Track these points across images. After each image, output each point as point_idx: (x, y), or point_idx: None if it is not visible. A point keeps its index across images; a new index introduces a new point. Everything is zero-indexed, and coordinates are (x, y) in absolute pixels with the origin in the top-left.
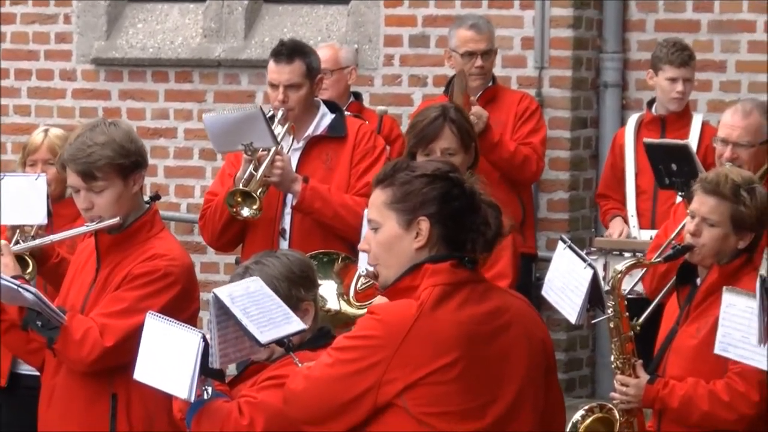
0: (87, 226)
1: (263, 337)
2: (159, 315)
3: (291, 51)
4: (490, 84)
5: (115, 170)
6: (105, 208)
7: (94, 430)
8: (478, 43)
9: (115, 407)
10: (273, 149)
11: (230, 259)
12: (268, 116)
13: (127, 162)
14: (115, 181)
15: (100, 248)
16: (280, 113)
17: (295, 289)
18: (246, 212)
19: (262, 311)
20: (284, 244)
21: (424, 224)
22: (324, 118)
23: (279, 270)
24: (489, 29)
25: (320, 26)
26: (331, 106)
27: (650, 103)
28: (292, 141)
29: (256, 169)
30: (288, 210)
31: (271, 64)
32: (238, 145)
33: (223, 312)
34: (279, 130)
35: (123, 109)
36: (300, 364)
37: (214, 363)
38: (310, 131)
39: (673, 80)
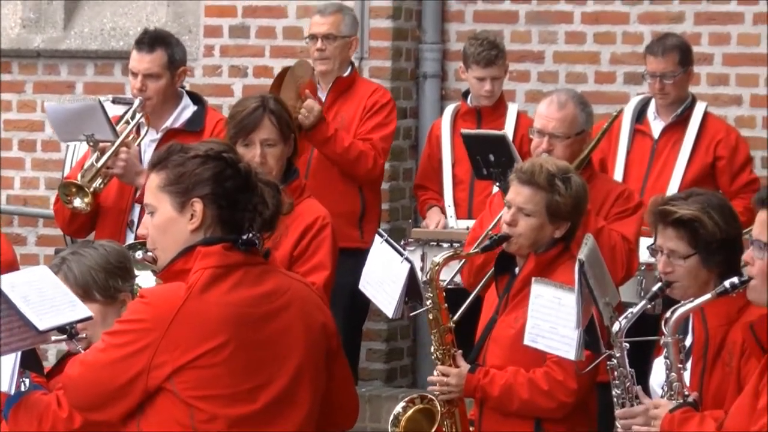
0: None
1: (42, 324)
2: None
3: (153, 40)
4: (346, 74)
5: None
6: None
7: None
8: (319, 26)
9: None
10: (117, 141)
11: (50, 251)
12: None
13: None
14: None
15: None
16: (137, 102)
17: (112, 279)
18: (77, 203)
19: (45, 299)
20: (131, 236)
21: (198, 206)
22: (185, 111)
23: (95, 260)
24: (338, 15)
25: (140, 17)
26: (195, 98)
27: (465, 94)
28: (147, 131)
29: (98, 160)
30: None
31: (133, 52)
32: (80, 136)
33: (4, 300)
34: (136, 118)
35: None
36: (81, 350)
37: None
38: (168, 123)
39: (481, 79)
